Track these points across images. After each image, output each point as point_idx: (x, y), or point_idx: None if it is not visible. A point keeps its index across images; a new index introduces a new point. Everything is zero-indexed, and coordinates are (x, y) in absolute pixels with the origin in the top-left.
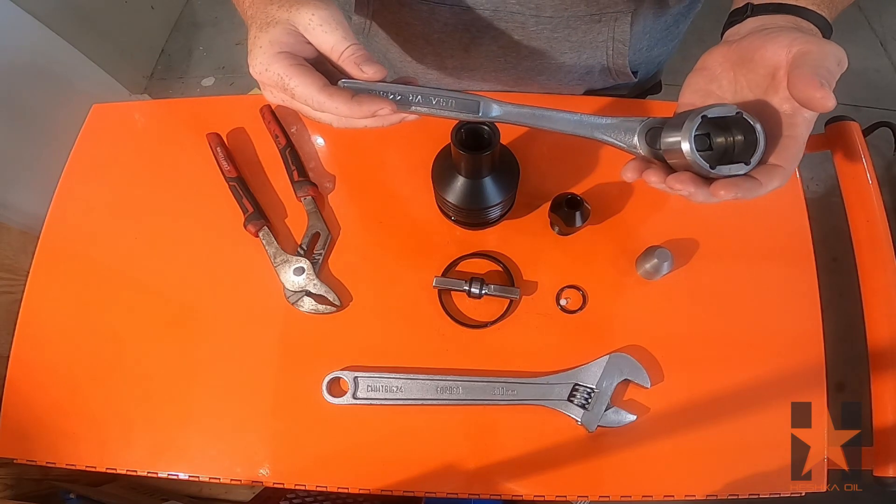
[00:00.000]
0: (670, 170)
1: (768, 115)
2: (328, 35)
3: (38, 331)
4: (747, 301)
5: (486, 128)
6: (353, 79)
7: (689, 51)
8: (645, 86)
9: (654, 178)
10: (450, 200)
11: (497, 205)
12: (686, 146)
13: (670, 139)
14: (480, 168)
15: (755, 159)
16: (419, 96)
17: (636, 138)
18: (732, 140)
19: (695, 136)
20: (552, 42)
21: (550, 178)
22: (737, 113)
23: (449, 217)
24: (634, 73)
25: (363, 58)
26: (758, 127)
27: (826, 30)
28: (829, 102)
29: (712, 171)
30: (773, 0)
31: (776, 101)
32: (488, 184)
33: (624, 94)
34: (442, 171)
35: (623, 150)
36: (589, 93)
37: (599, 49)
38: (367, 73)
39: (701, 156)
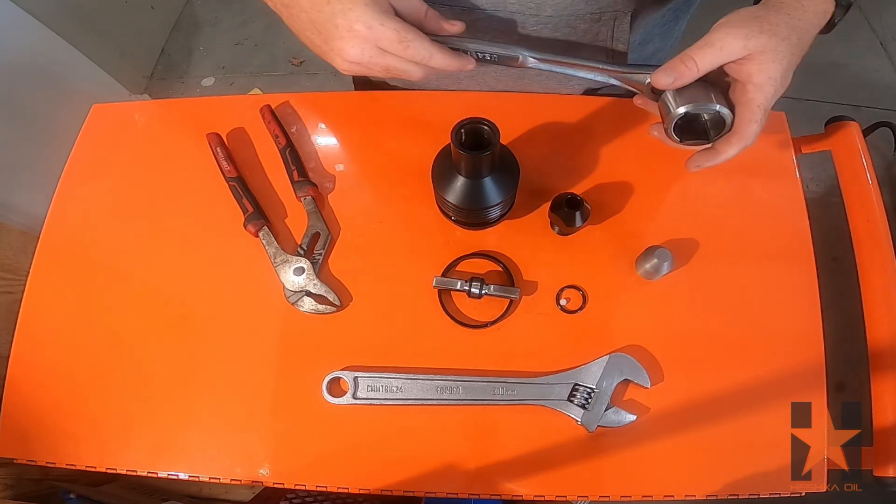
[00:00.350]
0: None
1: (726, 84)
2: None
3: (38, 331)
4: (747, 301)
5: (485, 128)
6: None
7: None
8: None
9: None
10: (450, 200)
11: (497, 205)
12: (669, 124)
13: (664, 111)
14: (480, 168)
15: (717, 137)
16: (484, 53)
17: (645, 85)
18: (707, 119)
19: (680, 115)
20: (552, 42)
21: (550, 178)
22: (715, 111)
23: (449, 217)
24: None
25: (443, 16)
26: (727, 118)
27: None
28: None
29: (680, 144)
30: None
31: (731, 72)
32: (488, 184)
33: (623, 94)
34: (442, 171)
35: (632, 90)
36: (588, 92)
37: (599, 49)
38: (455, 28)
39: (680, 126)
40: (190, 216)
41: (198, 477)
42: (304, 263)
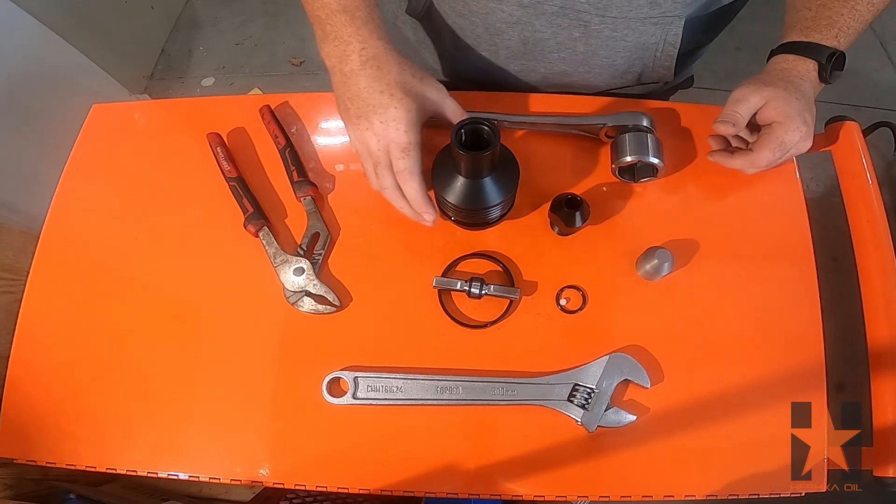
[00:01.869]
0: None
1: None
2: (452, 102)
3: (38, 331)
4: (747, 301)
5: (486, 127)
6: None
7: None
8: (678, 80)
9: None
10: (450, 200)
11: (497, 205)
12: (617, 165)
13: (615, 156)
14: (480, 168)
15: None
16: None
17: (600, 131)
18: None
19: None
20: (610, 41)
21: (550, 178)
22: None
23: (449, 217)
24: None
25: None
26: (659, 167)
27: (826, 60)
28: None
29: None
30: (791, 40)
31: (760, 120)
32: (488, 184)
33: (654, 90)
34: (442, 171)
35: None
36: (624, 89)
37: (649, 50)
38: (428, 219)
39: (622, 168)
40: (190, 216)
41: (198, 477)
42: (304, 264)
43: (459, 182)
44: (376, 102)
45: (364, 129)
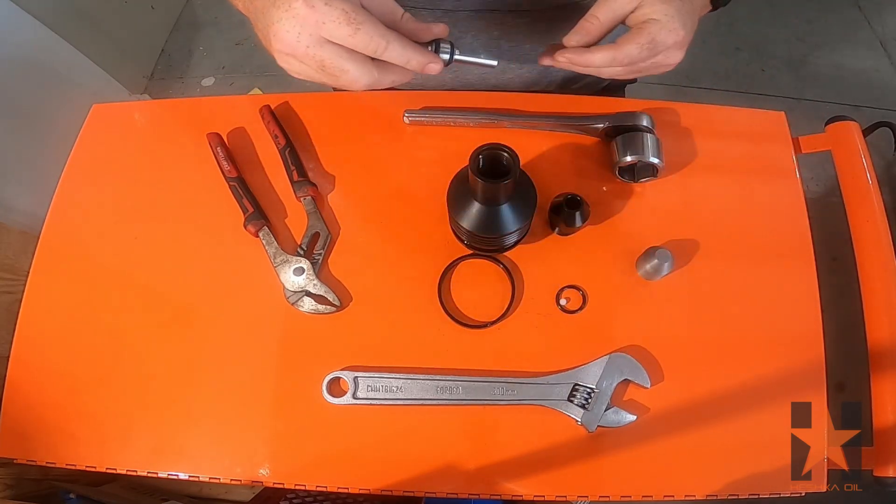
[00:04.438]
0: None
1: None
2: None
3: (38, 331)
4: (747, 301)
5: (505, 154)
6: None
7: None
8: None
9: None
10: (465, 227)
11: (514, 232)
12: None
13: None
14: (498, 195)
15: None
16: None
17: (600, 131)
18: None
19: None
20: (531, 34)
21: (550, 178)
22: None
23: (462, 241)
24: None
25: (419, 21)
26: (659, 166)
27: None
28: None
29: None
30: None
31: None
32: (505, 210)
33: (609, 82)
34: (457, 195)
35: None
36: (573, 80)
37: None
38: (438, 28)
39: (621, 167)
40: (190, 216)
41: (198, 477)
42: (304, 263)
43: (475, 208)
44: None
45: (278, 35)
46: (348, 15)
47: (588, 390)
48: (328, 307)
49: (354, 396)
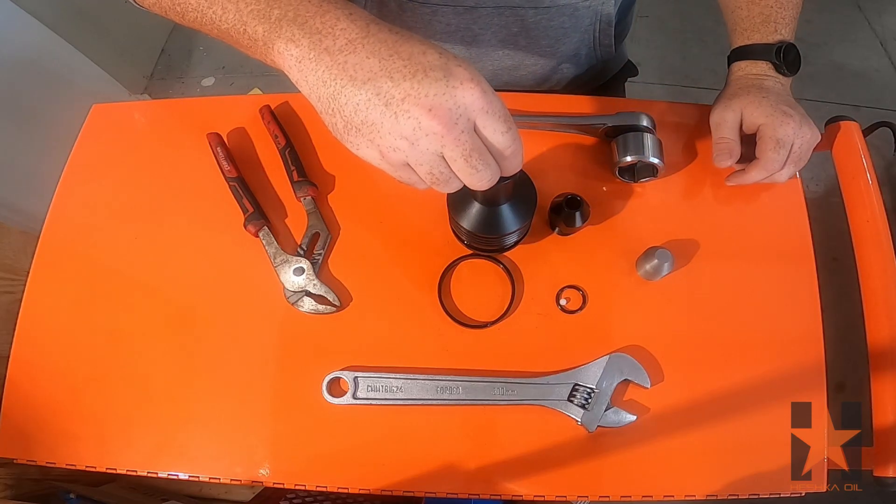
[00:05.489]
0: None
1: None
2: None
3: (38, 331)
4: (747, 301)
5: None
6: None
7: (688, 50)
8: (620, 62)
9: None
10: (465, 227)
11: (514, 232)
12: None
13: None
14: (498, 196)
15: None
16: None
17: (601, 131)
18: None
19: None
20: (548, 30)
21: (550, 178)
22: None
23: (462, 241)
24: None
25: None
26: (658, 166)
27: (775, 56)
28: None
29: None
30: (736, 46)
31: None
32: (505, 211)
33: (609, 80)
34: (457, 196)
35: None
36: (578, 78)
37: (587, 32)
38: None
39: (621, 167)
40: (190, 216)
41: (198, 477)
42: (304, 263)
43: (475, 209)
44: (427, 63)
45: (449, 111)
46: (506, 110)
47: (588, 390)
48: (328, 307)
49: (354, 396)
